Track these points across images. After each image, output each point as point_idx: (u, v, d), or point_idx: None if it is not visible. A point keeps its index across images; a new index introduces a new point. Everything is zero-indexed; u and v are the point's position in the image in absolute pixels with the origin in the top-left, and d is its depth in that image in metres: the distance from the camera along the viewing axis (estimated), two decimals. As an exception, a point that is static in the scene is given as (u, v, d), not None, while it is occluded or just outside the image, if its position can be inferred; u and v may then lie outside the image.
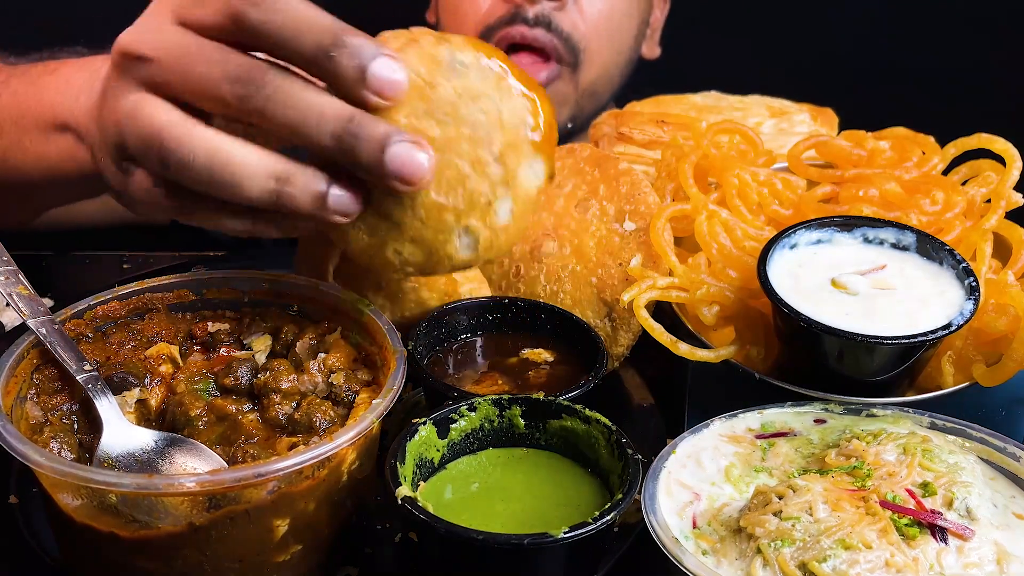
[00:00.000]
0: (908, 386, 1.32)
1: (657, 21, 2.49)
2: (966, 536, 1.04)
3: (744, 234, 1.42)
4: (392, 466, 1.11)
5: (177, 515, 1.04)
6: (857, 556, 1.00)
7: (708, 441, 1.21)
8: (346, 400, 1.19)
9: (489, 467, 1.21)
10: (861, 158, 1.54)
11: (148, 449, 1.13)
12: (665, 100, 1.93)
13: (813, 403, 1.26)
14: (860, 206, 1.44)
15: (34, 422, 1.14)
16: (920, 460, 1.11)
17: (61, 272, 1.82)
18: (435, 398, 1.30)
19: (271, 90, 1.05)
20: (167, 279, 1.31)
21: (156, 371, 1.22)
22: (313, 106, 1.06)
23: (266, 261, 1.43)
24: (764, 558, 1.03)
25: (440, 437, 1.19)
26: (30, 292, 1.22)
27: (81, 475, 1.01)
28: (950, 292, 1.30)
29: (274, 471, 1.02)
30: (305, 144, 1.09)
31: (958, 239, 1.41)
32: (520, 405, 1.22)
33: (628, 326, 1.45)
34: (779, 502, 1.07)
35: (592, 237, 1.47)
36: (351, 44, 1.06)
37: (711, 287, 1.36)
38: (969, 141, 1.50)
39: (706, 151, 1.54)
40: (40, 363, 1.19)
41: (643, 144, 1.76)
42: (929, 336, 1.23)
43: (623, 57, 2.31)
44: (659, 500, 1.12)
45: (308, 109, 1.06)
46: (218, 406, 1.18)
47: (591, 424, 1.19)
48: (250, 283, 1.32)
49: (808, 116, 1.85)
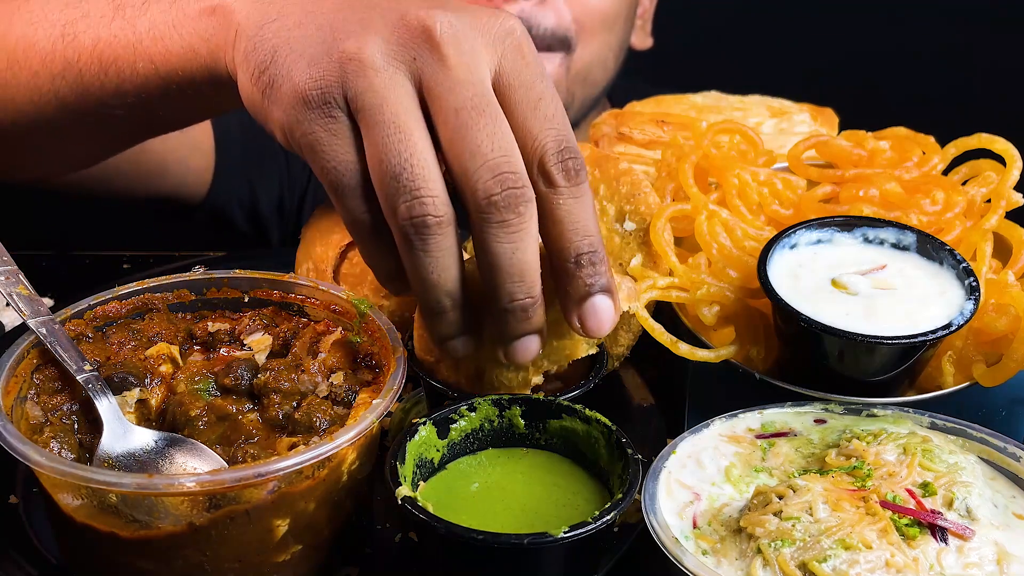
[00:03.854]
0: (908, 386, 1.32)
1: (647, 11, 2.46)
2: (966, 536, 1.04)
3: (744, 234, 1.42)
4: (392, 466, 1.11)
5: (177, 515, 1.04)
6: (857, 556, 1.00)
7: (708, 441, 1.21)
8: (346, 400, 1.19)
9: (489, 467, 1.21)
10: (861, 158, 1.54)
11: (148, 449, 1.13)
12: (665, 100, 1.93)
13: (813, 403, 1.26)
14: (860, 206, 1.44)
15: (34, 422, 1.14)
16: (920, 460, 1.11)
17: (61, 272, 1.82)
18: (435, 398, 1.30)
19: (515, 231, 1.09)
20: (167, 279, 1.31)
21: (156, 371, 1.21)
22: (527, 265, 1.11)
23: (266, 261, 1.42)
24: (764, 558, 1.03)
25: (440, 437, 1.19)
26: (30, 292, 1.22)
27: (81, 475, 1.01)
28: (950, 292, 1.30)
29: (274, 471, 1.02)
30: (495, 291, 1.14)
31: (958, 239, 1.40)
32: (520, 405, 1.22)
33: (628, 326, 1.44)
34: (779, 502, 1.07)
35: (592, 237, 1.47)
36: (599, 265, 1.13)
37: (711, 287, 1.36)
38: (969, 141, 1.50)
39: (706, 151, 1.54)
40: (40, 363, 1.19)
41: (643, 144, 1.76)
42: (929, 336, 1.23)
43: (616, 38, 2.27)
44: (659, 500, 1.12)
45: (521, 264, 1.11)
46: (218, 406, 1.18)
47: (591, 424, 1.19)
48: (250, 283, 1.32)
49: (808, 116, 1.85)
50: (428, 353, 1.26)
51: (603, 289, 1.15)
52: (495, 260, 1.10)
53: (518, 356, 1.17)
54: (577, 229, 1.13)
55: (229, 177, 2.12)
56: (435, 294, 1.13)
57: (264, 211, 2.21)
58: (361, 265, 1.45)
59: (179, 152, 2.02)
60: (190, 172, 2.07)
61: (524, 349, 1.17)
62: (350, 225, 1.16)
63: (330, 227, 1.50)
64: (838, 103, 1.92)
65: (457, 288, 1.14)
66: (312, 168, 1.15)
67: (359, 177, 1.12)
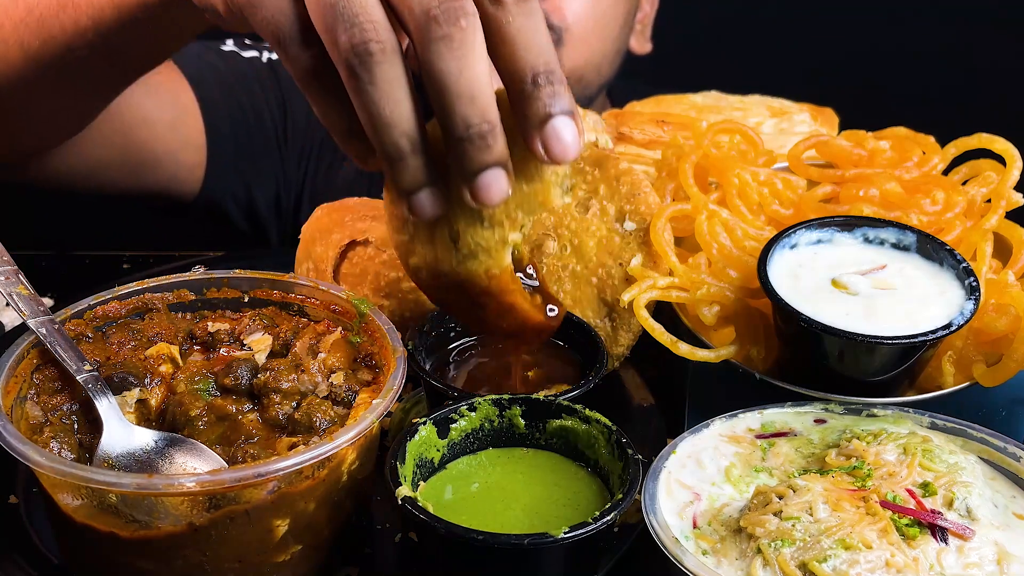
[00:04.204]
0: (908, 386, 1.32)
1: (647, 16, 2.46)
2: (966, 536, 1.04)
3: (744, 234, 1.42)
4: (392, 466, 1.11)
5: (177, 515, 1.04)
6: (857, 556, 1.00)
7: (708, 441, 1.21)
8: (346, 400, 1.19)
9: (489, 467, 1.21)
10: (861, 158, 1.54)
11: (148, 449, 1.13)
12: (665, 100, 1.93)
13: (813, 403, 1.26)
14: (860, 206, 1.44)
15: (34, 422, 1.14)
16: (920, 460, 1.11)
17: (61, 272, 1.82)
18: (435, 398, 1.29)
19: (456, 45, 1.02)
20: (167, 279, 1.31)
21: (156, 371, 1.21)
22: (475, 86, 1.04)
23: (266, 261, 1.42)
24: (764, 558, 1.03)
25: (440, 437, 1.19)
26: (30, 292, 1.22)
27: (81, 475, 1.01)
28: (950, 292, 1.30)
29: (274, 471, 1.02)
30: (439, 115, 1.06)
31: (958, 239, 1.41)
32: (520, 405, 1.22)
33: (628, 326, 1.45)
34: (779, 502, 1.07)
35: (592, 237, 1.47)
36: (557, 85, 1.05)
37: (711, 287, 1.36)
38: (969, 141, 1.50)
39: (706, 151, 1.54)
40: (40, 363, 1.19)
41: (643, 144, 1.76)
42: (929, 336, 1.23)
43: (610, 46, 2.25)
44: (659, 500, 1.12)
45: (470, 84, 1.03)
46: (218, 406, 1.18)
47: (591, 424, 1.19)
48: (250, 283, 1.33)
49: (808, 116, 1.85)
50: (401, 231, 1.19)
51: (564, 111, 1.07)
52: (443, 81, 1.04)
53: (485, 194, 1.08)
54: (530, 47, 1.06)
55: (222, 174, 2.13)
56: (390, 134, 1.06)
57: (261, 210, 2.21)
58: (361, 265, 1.45)
59: (170, 145, 2.02)
60: (181, 167, 2.07)
61: (490, 184, 1.08)
62: (300, 81, 1.12)
63: (330, 227, 1.50)
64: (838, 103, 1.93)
65: (413, 126, 1.07)
66: (254, 27, 1.12)
67: (299, 23, 1.08)
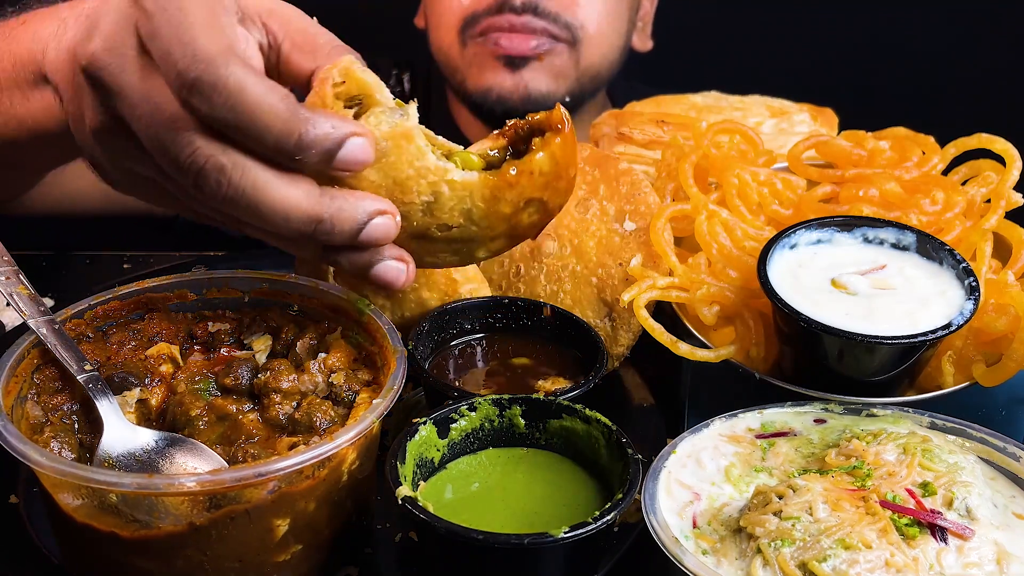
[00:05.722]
0: (908, 386, 1.32)
1: (647, 14, 2.51)
2: (966, 536, 1.04)
3: (744, 234, 1.42)
4: (392, 466, 1.11)
5: (177, 515, 1.04)
6: (857, 556, 1.00)
7: (708, 441, 1.21)
8: (346, 400, 1.19)
9: (489, 467, 1.21)
10: (861, 158, 1.54)
11: (148, 449, 1.13)
12: (665, 100, 1.93)
13: (813, 403, 1.26)
14: (860, 206, 1.44)
15: (34, 422, 1.14)
16: (920, 460, 1.11)
17: (61, 272, 1.82)
18: (435, 398, 1.30)
19: (231, 190, 1.03)
20: (167, 279, 1.31)
21: (156, 371, 1.22)
22: (278, 205, 1.04)
23: (266, 261, 1.43)
24: (764, 558, 1.03)
25: (440, 437, 1.19)
26: (30, 292, 1.22)
27: (81, 475, 1.01)
28: (950, 292, 1.30)
29: (274, 471, 1.02)
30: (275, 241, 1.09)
31: (958, 239, 1.41)
32: (520, 405, 1.22)
33: (628, 326, 1.45)
34: (779, 502, 1.07)
35: (592, 237, 1.47)
36: (312, 140, 1.02)
37: (711, 287, 1.36)
38: (969, 141, 1.50)
39: (706, 151, 1.54)
40: (40, 363, 1.19)
41: (643, 144, 1.76)
42: (929, 336, 1.23)
43: (621, 38, 2.32)
44: (659, 500, 1.12)
45: (273, 209, 1.04)
46: (218, 406, 1.18)
47: (591, 424, 1.19)
48: (250, 283, 1.32)
49: (808, 116, 1.85)
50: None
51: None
52: (255, 220, 1.06)
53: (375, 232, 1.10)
54: (257, 126, 1.01)
55: None
56: (269, 230, 1.07)
57: None
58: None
59: None
60: None
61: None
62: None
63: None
64: (838, 103, 1.93)
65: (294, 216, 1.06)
66: None
67: None
